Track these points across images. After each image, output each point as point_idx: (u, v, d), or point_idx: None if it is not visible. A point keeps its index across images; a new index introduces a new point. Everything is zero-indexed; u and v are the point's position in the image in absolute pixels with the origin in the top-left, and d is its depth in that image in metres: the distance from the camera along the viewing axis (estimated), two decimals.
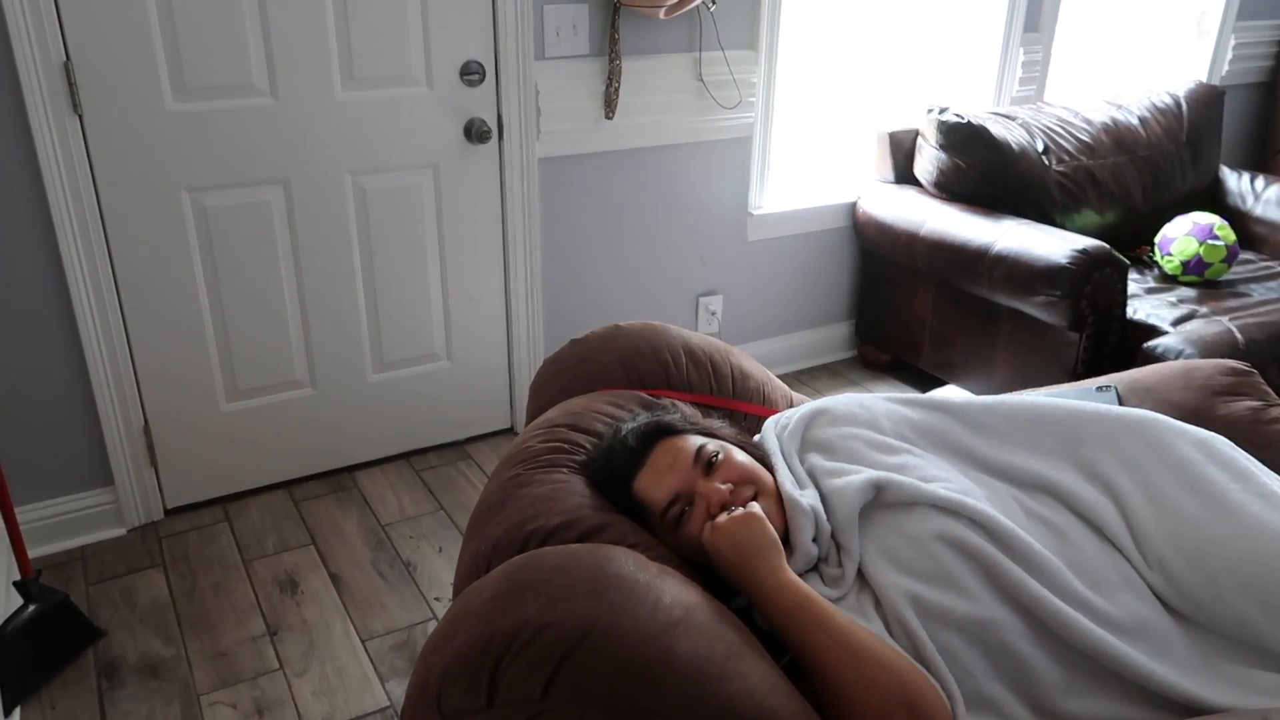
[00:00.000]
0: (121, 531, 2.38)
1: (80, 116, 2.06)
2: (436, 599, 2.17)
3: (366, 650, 2.02)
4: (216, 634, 2.06)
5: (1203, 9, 3.77)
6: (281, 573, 2.25)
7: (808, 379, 3.29)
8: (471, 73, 2.43)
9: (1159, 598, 1.21)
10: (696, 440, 1.31)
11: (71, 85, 2.03)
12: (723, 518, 1.17)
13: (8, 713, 1.79)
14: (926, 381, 3.18)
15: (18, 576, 2.04)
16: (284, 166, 2.31)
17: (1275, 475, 1.30)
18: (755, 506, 1.23)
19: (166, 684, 1.92)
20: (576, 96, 2.58)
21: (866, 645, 1.08)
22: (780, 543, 1.18)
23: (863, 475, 1.26)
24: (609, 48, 2.56)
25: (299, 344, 2.48)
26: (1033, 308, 2.60)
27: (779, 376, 3.29)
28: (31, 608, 1.92)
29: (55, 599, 1.96)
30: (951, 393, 2.92)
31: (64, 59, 2.01)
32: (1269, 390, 1.63)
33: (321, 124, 2.31)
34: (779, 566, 1.16)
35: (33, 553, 2.28)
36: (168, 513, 2.47)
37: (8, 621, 1.88)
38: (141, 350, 2.29)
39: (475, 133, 2.46)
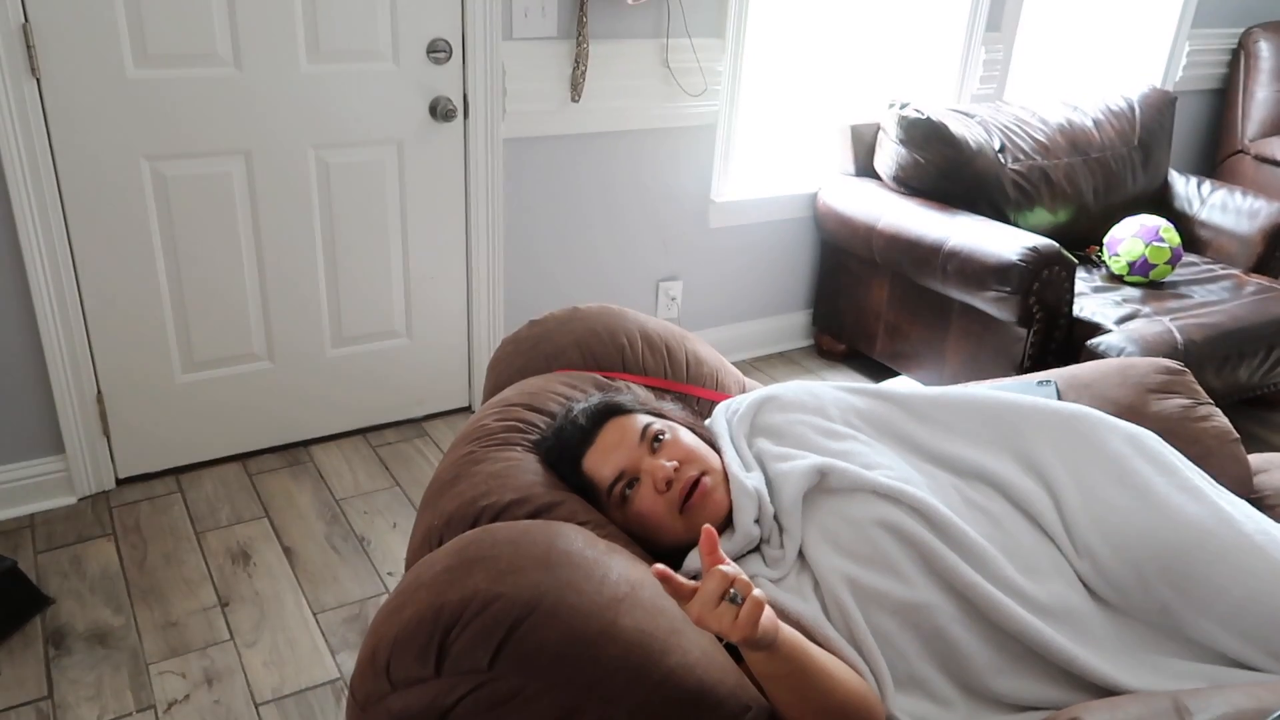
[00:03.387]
0: (72, 500, 2.37)
1: (38, 80, 2.04)
2: (389, 574, 2.19)
3: (318, 622, 2.03)
4: (167, 604, 2.06)
5: (1159, 14, 3.85)
6: (234, 544, 2.26)
7: (764, 366, 3.33)
8: (438, 50, 2.43)
9: (1086, 585, 1.27)
10: (644, 419, 1.34)
11: (30, 48, 2.00)
12: (744, 615, 0.96)
13: None
14: (880, 371, 3.24)
15: None
16: (246, 138, 2.30)
17: (1199, 470, 1.36)
18: (710, 487, 1.26)
19: (115, 652, 1.92)
20: (543, 78, 2.59)
21: (837, 702, 1.07)
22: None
23: (808, 460, 1.30)
24: (577, 30, 2.57)
25: (257, 316, 2.48)
26: (983, 303, 2.66)
27: (736, 363, 3.33)
28: None
29: (3, 565, 1.95)
30: (903, 384, 2.98)
31: (23, 20, 1.98)
32: (1199, 389, 1.69)
33: (285, 96, 2.30)
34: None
35: None
36: (120, 482, 2.46)
37: None
38: (96, 318, 2.27)
39: (440, 111, 2.46)
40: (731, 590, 0.96)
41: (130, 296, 2.30)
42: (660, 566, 0.96)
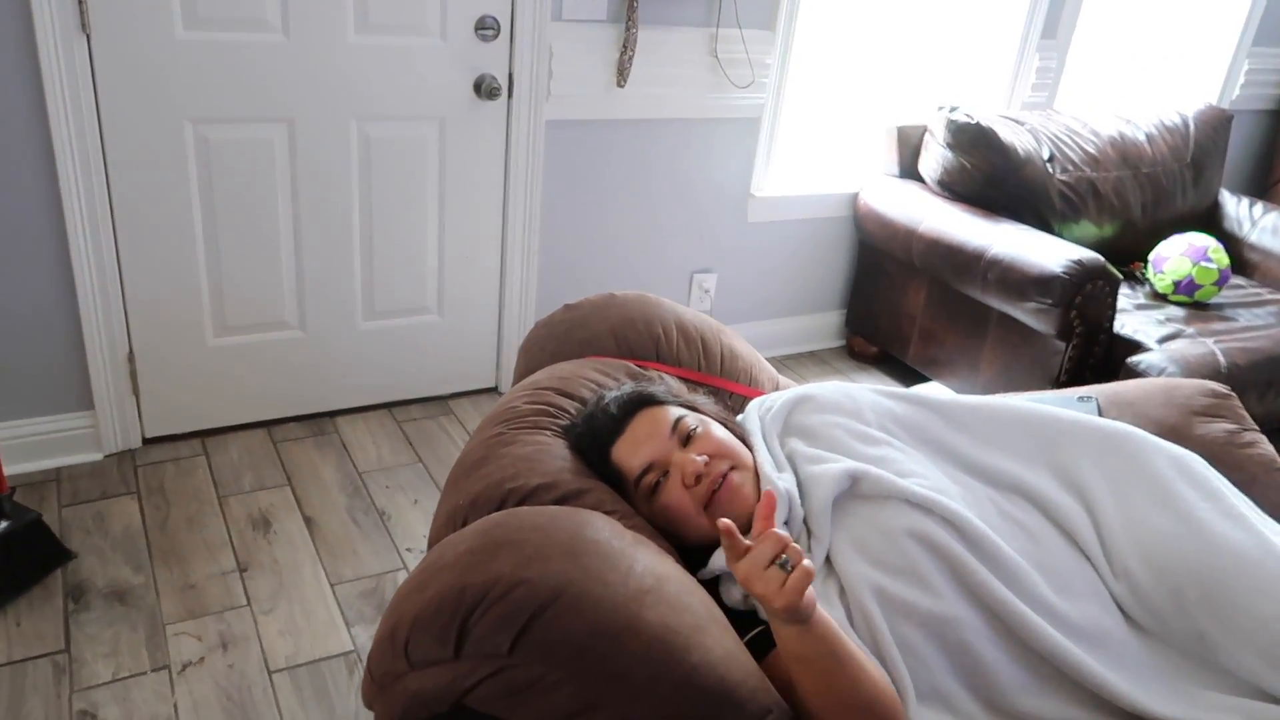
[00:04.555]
0: (99, 457, 2.38)
1: (88, 36, 2.04)
2: (408, 550, 2.18)
3: (335, 594, 2.03)
4: (186, 566, 2.06)
5: (1219, 31, 3.77)
6: (255, 511, 2.26)
7: (794, 365, 3.30)
8: (486, 28, 2.41)
9: (1121, 608, 1.24)
10: (677, 412, 1.33)
11: (81, 4, 2.00)
12: (792, 582, 0.98)
13: None
14: (912, 376, 3.20)
15: None
16: (290, 106, 2.29)
17: (1245, 497, 1.33)
18: (738, 483, 1.24)
19: (133, 611, 1.93)
20: (590, 61, 2.57)
21: (864, 698, 1.05)
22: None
23: (841, 465, 1.27)
24: (626, 15, 2.55)
25: (291, 285, 2.48)
26: (1023, 313, 2.62)
27: (766, 360, 3.30)
28: (3, 525, 1.92)
29: (27, 518, 1.96)
30: (934, 390, 2.94)
31: None
32: (1246, 414, 1.65)
33: (331, 66, 2.29)
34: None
35: (7, 470, 2.28)
36: (146, 442, 2.47)
37: None
38: (132, 277, 2.28)
39: (485, 89, 2.45)
40: (783, 556, 0.99)
41: (167, 258, 2.30)
42: (726, 521, 1.00)
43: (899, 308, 3.10)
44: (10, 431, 2.26)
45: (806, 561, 0.99)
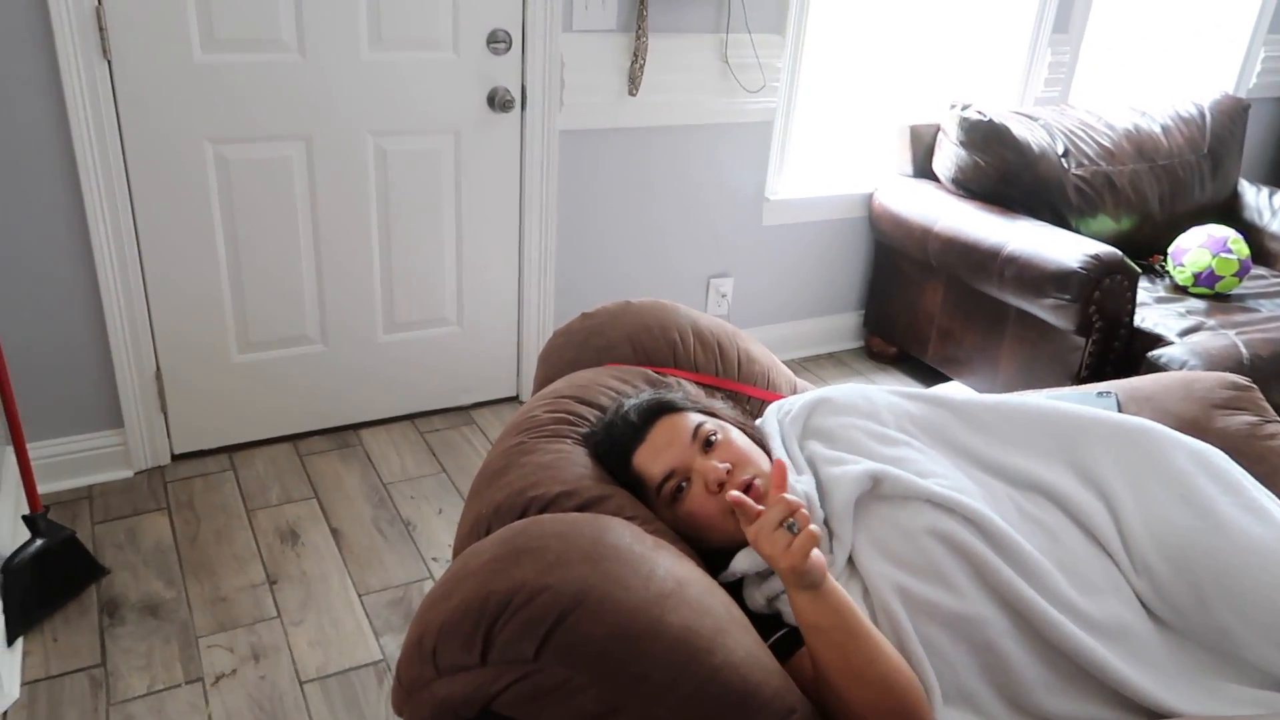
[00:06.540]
0: (129, 474, 2.42)
1: (109, 62, 2.08)
2: (434, 559, 2.21)
3: (363, 604, 2.06)
4: (217, 579, 2.10)
5: (1234, 19, 3.74)
6: (283, 524, 2.29)
7: (813, 367, 3.31)
8: (498, 41, 2.44)
9: (1143, 604, 1.24)
10: (696, 419, 1.34)
11: (102, 30, 2.04)
12: (797, 543, 1.05)
13: (11, 643, 1.83)
14: (931, 376, 3.20)
15: (26, 511, 2.08)
16: (307, 124, 2.32)
17: (1266, 490, 1.32)
18: (763, 491, 1.25)
19: (166, 624, 1.96)
20: (601, 71, 2.59)
21: (879, 673, 1.07)
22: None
23: (861, 466, 1.28)
24: (637, 24, 2.57)
25: (312, 300, 2.51)
26: (1041, 310, 2.61)
27: (785, 362, 3.31)
28: (39, 542, 1.96)
29: (62, 535, 2.00)
30: (954, 389, 2.94)
31: (96, 3, 2.02)
32: (1267, 406, 1.64)
33: (346, 83, 2.33)
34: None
35: (42, 489, 2.33)
36: (175, 458, 2.51)
37: (15, 554, 1.92)
38: (157, 296, 2.32)
39: (498, 101, 2.47)
40: (791, 520, 1.07)
41: (191, 277, 2.34)
42: (735, 494, 1.10)
43: (916, 307, 3.10)
44: (43, 451, 2.31)
45: (813, 526, 1.06)
